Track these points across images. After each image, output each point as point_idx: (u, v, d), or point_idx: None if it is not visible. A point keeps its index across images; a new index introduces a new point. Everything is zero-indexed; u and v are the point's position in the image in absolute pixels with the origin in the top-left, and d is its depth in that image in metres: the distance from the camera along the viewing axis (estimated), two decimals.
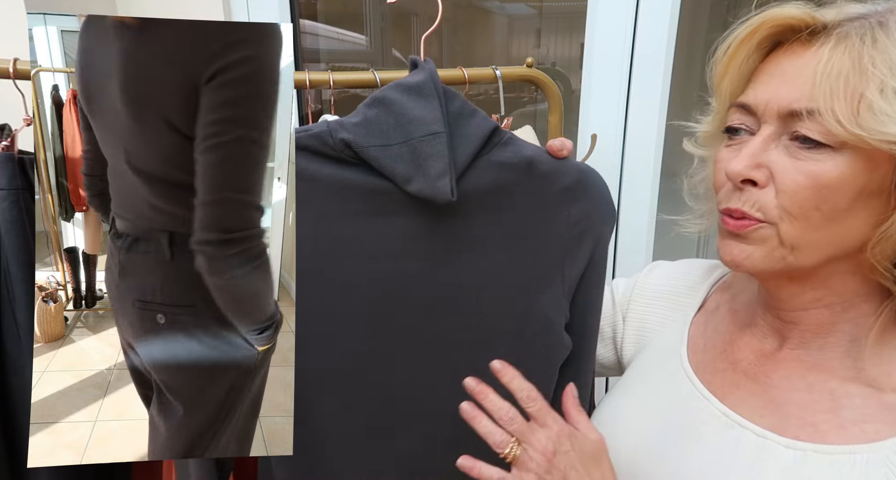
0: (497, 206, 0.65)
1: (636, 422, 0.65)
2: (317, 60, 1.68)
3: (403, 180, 0.61)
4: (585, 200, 0.67)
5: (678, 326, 0.70)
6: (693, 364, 0.64)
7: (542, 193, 0.66)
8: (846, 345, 0.55)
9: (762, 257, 0.53)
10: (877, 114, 0.45)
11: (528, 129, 0.99)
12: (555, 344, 0.69)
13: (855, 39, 0.47)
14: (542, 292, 0.68)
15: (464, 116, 0.63)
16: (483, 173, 0.64)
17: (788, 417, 0.54)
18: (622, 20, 1.07)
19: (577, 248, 0.68)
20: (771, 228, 0.52)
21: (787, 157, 0.50)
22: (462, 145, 0.62)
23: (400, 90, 0.62)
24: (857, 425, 0.51)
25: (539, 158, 0.65)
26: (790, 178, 0.50)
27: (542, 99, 1.12)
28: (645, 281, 0.76)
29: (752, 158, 0.51)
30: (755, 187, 0.52)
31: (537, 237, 0.67)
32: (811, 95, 0.48)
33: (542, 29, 1.87)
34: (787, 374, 0.57)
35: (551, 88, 0.92)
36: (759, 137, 0.52)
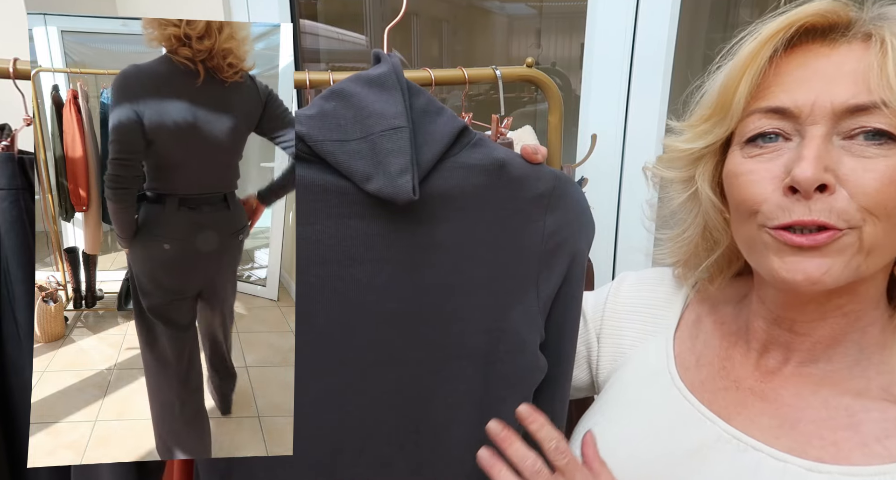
0: (464, 211, 0.60)
1: (630, 449, 0.60)
2: (317, 60, 1.68)
3: (362, 178, 0.56)
4: (561, 209, 0.62)
5: (659, 341, 0.66)
6: (687, 383, 0.60)
7: (515, 199, 0.61)
8: (854, 355, 0.53)
9: (842, 268, 0.48)
10: None
11: (527, 129, 0.99)
12: (529, 365, 0.63)
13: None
14: (515, 308, 0.62)
15: (429, 113, 0.58)
16: (450, 176, 0.59)
17: (807, 437, 0.51)
18: (622, 20, 1.07)
19: (553, 261, 0.62)
20: (853, 234, 0.47)
21: (851, 156, 0.47)
22: (427, 144, 0.57)
23: (360, 82, 0.57)
24: (881, 442, 0.49)
25: (511, 161, 0.60)
26: (868, 177, 0.46)
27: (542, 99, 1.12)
28: (616, 295, 0.72)
29: (820, 160, 0.46)
30: (825, 194, 0.47)
31: (510, 247, 0.61)
32: (870, 88, 0.46)
33: (542, 29, 1.87)
34: (797, 391, 0.54)
35: (551, 88, 0.92)
36: (815, 139, 0.47)
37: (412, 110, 0.57)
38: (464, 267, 0.61)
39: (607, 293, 0.74)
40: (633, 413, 0.63)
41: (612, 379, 0.69)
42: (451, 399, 0.63)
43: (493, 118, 0.92)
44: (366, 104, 0.56)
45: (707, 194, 0.57)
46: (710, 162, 0.58)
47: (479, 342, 0.62)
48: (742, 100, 0.52)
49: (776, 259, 0.50)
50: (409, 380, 0.62)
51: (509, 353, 0.62)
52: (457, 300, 0.61)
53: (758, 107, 0.51)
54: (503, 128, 0.94)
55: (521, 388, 0.63)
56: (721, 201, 0.58)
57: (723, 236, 0.59)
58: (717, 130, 0.55)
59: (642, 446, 0.59)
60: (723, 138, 0.56)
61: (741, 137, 0.53)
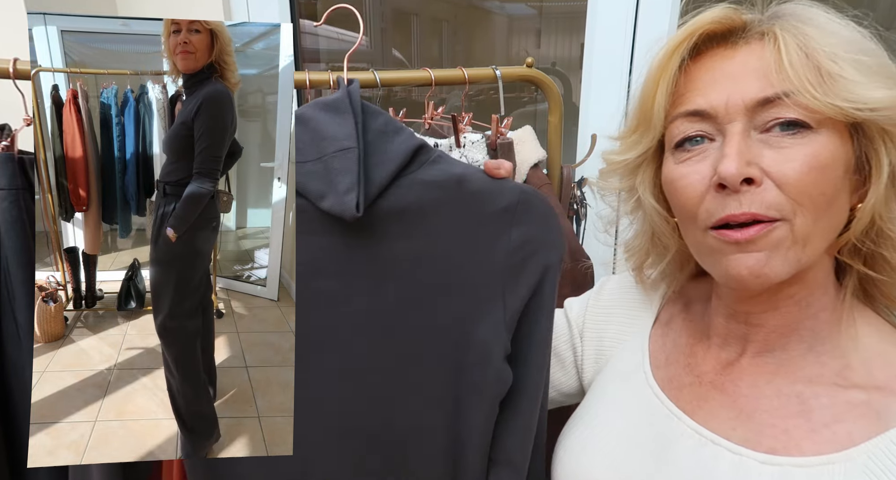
0: (425, 226, 0.62)
1: (607, 445, 0.62)
2: (317, 60, 1.68)
3: (317, 196, 0.60)
4: (527, 223, 0.62)
5: (637, 340, 0.67)
6: (658, 380, 0.62)
7: (477, 213, 0.62)
8: (809, 341, 0.55)
9: (781, 261, 0.50)
10: (839, 80, 0.47)
11: (527, 129, 0.98)
12: (495, 376, 0.64)
13: (789, 27, 0.50)
14: (481, 321, 0.63)
15: (387, 133, 0.61)
16: (406, 192, 0.61)
17: (761, 426, 0.53)
18: (622, 20, 1.07)
19: (521, 274, 0.63)
20: (785, 226, 0.49)
21: (770, 149, 0.49)
22: (382, 163, 0.60)
23: (318, 108, 0.61)
24: (829, 427, 0.50)
25: (471, 176, 0.62)
26: (788, 167, 0.48)
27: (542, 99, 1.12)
28: (598, 297, 0.74)
29: (741, 155, 0.49)
30: (752, 187, 0.49)
31: (474, 261, 0.62)
32: (774, 81, 0.49)
33: (542, 29, 1.87)
34: (753, 381, 0.56)
35: (551, 88, 0.92)
36: (735, 136, 0.50)
37: (368, 132, 0.60)
38: (427, 280, 0.62)
39: (588, 297, 0.76)
40: (610, 412, 0.64)
41: (596, 381, 0.70)
42: (417, 408, 0.64)
43: (493, 118, 0.92)
44: (321, 128, 0.60)
45: (650, 202, 0.60)
46: (648, 170, 0.60)
47: (446, 353, 0.64)
48: (661, 108, 0.55)
49: (721, 259, 0.52)
50: (377, 387, 0.64)
51: (475, 365, 0.64)
52: (421, 312, 0.63)
53: (678, 112, 0.54)
54: (503, 128, 0.94)
55: (488, 397, 0.64)
56: (664, 208, 0.60)
57: (671, 240, 0.62)
58: (644, 139, 0.58)
59: (616, 442, 0.61)
60: (652, 146, 0.58)
61: (670, 143, 0.56)
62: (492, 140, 0.92)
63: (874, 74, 0.48)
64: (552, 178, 0.96)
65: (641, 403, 0.62)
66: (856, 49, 0.49)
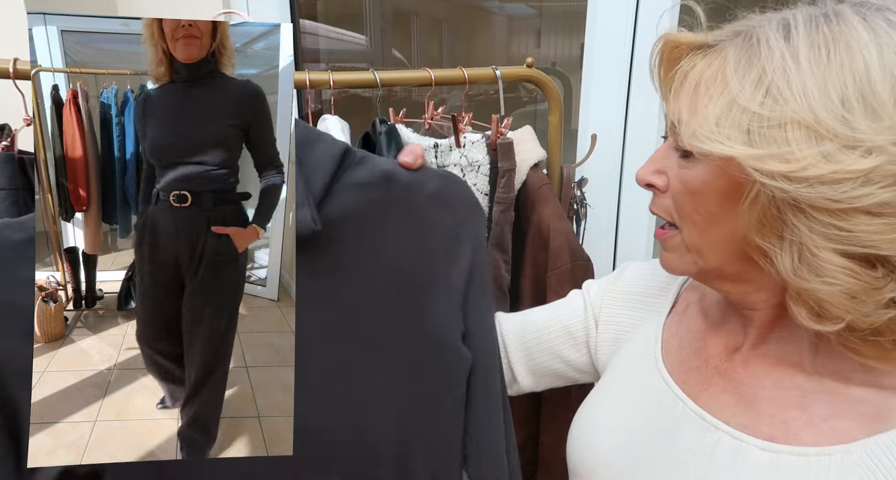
0: (366, 226, 0.63)
1: (615, 424, 0.64)
2: (317, 60, 1.69)
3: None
4: (453, 203, 0.66)
5: (651, 327, 0.69)
6: (667, 365, 0.64)
7: (411, 203, 0.64)
8: (808, 337, 0.55)
9: (678, 262, 0.58)
10: (706, 129, 0.47)
11: (527, 129, 0.99)
12: (453, 359, 0.66)
13: (728, 51, 0.49)
14: (434, 306, 0.65)
15: (309, 142, 0.62)
16: (343, 197, 0.62)
17: (760, 414, 0.55)
18: (622, 20, 1.07)
19: (458, 255, 0.66)
20: (679, 234, 0.56)
21: (675, 165, 0.55)
22: (315, 172, 0.61)
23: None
24: (828, 421, 0.51)
25: (397, 170, 0.64)
26: (673, 184, 0.55)
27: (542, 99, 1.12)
28: (616, 283, 0.76)
29: (652, 163, 0.58)
30: (658, 192, 0.57)
31: (418, 249, 0.65)
32: (671, 109, 0.53)
33: (542, 29, 1.87)
34: (754, 371, 0.58)
35: (551, 88, 0.92)
36: (663, 147, 0.57)
37: (296, 145, 0.61)
38: (378, 278, 0.64)
39: (607, 282, 0.78)
40: (622, 393, 0.67)
41: (611, 364, 0.72)
42: (383, 401, 0.65)
43: (493, 118, 0.92)
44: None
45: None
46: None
47: (405, 344, 0.65)
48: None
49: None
50: (343, 386, 0.65)
51: (436, 352, 0.65)
52: (379, 310, 0.64)
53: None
54: (503, 128, 0.94)
55: (451, 381, 0.66)
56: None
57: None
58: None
59: (627, 422, 0.63)
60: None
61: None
62: (492, 140, 0.92)
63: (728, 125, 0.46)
64: (552, 178, 0.97)
65: (650, 386, 0.64)
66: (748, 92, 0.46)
